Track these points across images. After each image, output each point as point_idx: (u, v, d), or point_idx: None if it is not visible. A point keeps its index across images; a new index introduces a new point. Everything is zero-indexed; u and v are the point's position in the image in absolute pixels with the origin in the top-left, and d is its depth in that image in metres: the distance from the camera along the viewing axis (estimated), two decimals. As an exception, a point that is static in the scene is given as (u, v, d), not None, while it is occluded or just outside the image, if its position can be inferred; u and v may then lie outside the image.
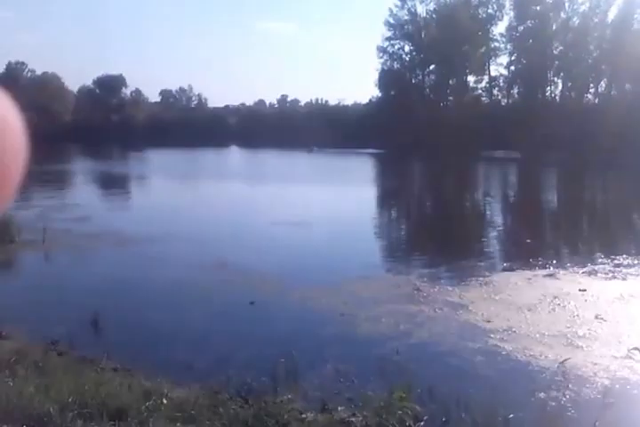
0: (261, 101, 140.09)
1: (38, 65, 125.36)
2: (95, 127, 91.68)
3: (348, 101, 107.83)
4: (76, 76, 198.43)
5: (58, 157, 57.53)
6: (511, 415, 5.77)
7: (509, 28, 75.11)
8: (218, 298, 10.69)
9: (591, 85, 71.03)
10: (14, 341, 8.02)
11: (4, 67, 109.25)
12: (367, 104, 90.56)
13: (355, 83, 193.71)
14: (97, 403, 5.30)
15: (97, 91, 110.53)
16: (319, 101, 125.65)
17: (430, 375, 7.12)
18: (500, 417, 5.68)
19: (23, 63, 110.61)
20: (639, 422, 6.04)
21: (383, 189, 32.94)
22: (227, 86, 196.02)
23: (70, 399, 5.29)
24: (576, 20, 70.55)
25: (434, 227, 19.86)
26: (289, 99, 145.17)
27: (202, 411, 5.53)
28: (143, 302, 10.60)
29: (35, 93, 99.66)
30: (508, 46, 75.72)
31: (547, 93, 73.79)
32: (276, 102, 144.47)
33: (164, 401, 5.70)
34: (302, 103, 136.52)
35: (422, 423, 5.84)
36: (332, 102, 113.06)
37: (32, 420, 5.01)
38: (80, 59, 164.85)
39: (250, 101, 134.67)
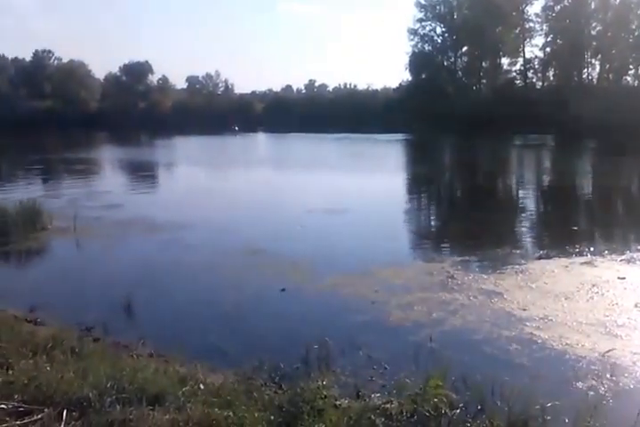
0: (289, 87, 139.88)
1: (65, 53, 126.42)
2: (122, 114, 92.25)
3: (378, 86, 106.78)
4: (103, 64, 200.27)
5: (85, 145, 58.48)
6: (549, 404, 5.66)
7: (545, 8, 72.99)
8: (249, 285, 10.73)
9: (630, 67, 68.69)
10: (49, 327, 8.16)
11: (31, 55, 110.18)
12: (397, 88, 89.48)
13: (384, 66, 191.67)
14: (134, 388, 5.36)
15: (123, 78, 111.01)
16: (347, 86, 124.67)
17: (464, 363, 7.04)
18: (536, 405, 5.58)
19: (50, 51, 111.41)
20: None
21: (414, 175, 32.58)
22: (254, 72, 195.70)
23: (108, 385, 5.36)
24: (617, -2, 67.88)
25: (467, 213, 19.60)
26: (317, 84, 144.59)
27: (238, 396, 5.55)
28: (175, 288, 10.69)
29: (61, 81, 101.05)
30: (544, 27, 73.59)
31: (583, 76, 71.76)
32: (303, 88, 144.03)
33: (201, 387, 5.75)
34: (330, 88, 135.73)
35: (457, 411, 5.78)
36: (361, 87, 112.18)
37: (72, 404, 5.10)
38: (106, 46, 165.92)
39: (277, 87, 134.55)
